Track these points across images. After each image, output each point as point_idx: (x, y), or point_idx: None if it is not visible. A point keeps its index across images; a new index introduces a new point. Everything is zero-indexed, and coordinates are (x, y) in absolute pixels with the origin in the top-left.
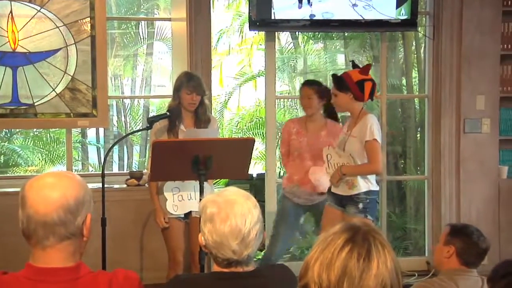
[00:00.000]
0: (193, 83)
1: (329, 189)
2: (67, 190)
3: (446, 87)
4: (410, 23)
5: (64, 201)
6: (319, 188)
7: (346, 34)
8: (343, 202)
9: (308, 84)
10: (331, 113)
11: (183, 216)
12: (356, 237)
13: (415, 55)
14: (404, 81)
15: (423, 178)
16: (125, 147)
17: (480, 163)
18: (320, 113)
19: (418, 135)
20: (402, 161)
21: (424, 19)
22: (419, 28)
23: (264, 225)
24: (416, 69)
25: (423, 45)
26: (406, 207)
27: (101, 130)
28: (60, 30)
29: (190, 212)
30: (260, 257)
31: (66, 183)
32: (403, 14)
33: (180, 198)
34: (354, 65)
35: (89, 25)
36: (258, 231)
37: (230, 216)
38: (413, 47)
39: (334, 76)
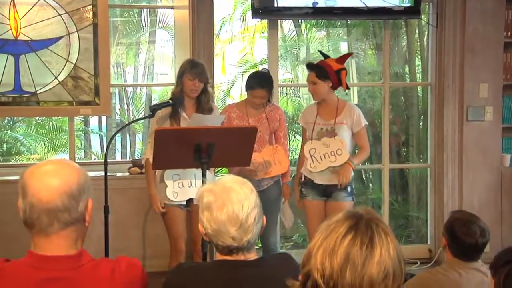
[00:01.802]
0: (196, 70)
1: (307, 182)
2: (69, 176)
3: (449, 75)
4: (413, 11)
5: (66, 188)
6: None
7: (349, 22)
8: (328, 191)
9: (263, 84)
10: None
11: (184, 204)
12: (359, 225)
13: (418, 43)
14: (407, 69)
15: (425, 166)
16: (127, 135)
17: (483, 151)
18: None
19: (421, 123)
20: (405, 149)
21: (427, 6)
22: (423, 16)
23: None
24: (419, 57)
25: (426, 33)
26: (409, 195)
27: (104, 118)
28: (62, 18)
29: (192, 200)
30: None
31: (66, 169)
32: (406, 1)
33: (180, 185)
34: (323, 55)
35: (91, 12)
36: (257, 216)
37: (227, 203)
38: (416, 35)
39: (312, 64)
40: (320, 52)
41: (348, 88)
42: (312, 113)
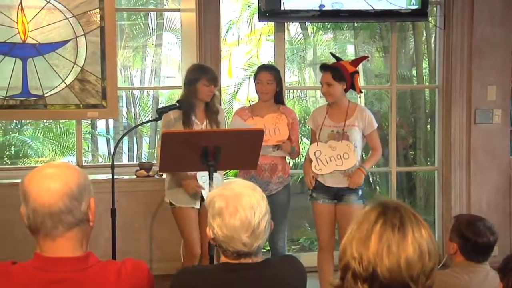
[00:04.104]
0: (210, 75)
1: (317, 185)
2: (68, 178)
3: (457, 78)
4: (420, 13)
5: (67, 189)
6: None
7: (356, 25)
8: (340, 193)
9: (268, 69)
10: (278, 98)
11: (198, 207)
12: (387, 210)
13: (426, 46)
14: (414, 72)
15: (433, 169)
16: (134, 138)
17: (491, 154)
18: (272, 99)
19: (428, 126)
20: (412, 152)
21: (435, 9)
22: (430, 18)
23: None
24: (427, 59)
25: (433, 35)
26: (416, 198)
27: (111, 121)
28: (69, 21)
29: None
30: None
31: (65, 171)
32: (413, 4)
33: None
34: (336, 57)
35: (98, 16)
36: (267, 222)
37: (239, 209)
38: (424, 37)
39: (327, 65)
40: (332, 54)
41: (361, 91)
42: (321, 114)
